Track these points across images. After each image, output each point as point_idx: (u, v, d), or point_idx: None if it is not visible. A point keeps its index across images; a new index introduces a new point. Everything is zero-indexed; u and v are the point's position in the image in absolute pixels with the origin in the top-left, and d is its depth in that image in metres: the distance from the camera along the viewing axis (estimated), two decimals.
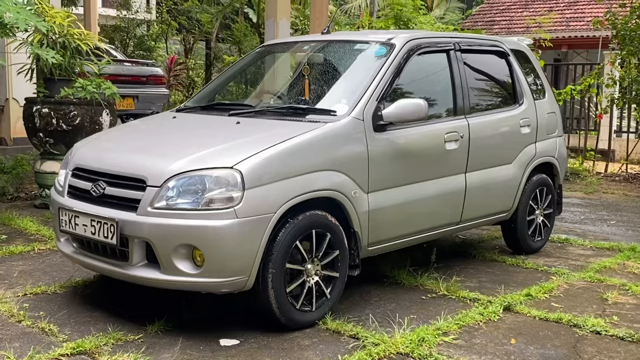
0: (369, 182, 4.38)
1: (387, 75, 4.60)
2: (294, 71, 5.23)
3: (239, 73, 5.56)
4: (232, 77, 5.55)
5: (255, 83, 5.35)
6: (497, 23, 25.19)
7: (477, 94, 5.43)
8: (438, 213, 4.98)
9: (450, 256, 5.89)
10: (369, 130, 4.38)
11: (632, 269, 5.61)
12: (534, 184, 5.91)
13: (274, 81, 5.31)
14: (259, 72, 5.52)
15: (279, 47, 5.66)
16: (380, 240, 4.56)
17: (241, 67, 5.60)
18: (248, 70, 5.58)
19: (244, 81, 5.39)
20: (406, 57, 4.80)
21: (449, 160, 4.98)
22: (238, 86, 5.32)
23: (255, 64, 5.64)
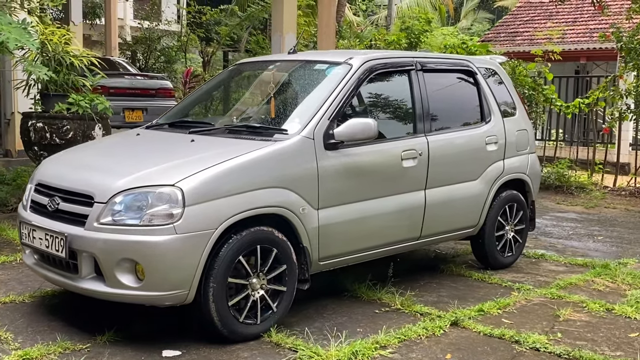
0: (319, 199, 4.51)
1: (342, 95, 4.73)
2: (258, 90, 5.40)
3: (211, 91, 5.75)
4: (205, 95, 5.74)
5: (223, 101, 5.53)
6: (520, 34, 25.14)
7: (439, 113, 5.53)
8: (395, 229, 5.09)
9: (418, 270, 5.99)
10: (320, 149, 4.52)
11: (597, 286, 5.64)
12: (502, 200, 5.98)
13: (240, 100, 5.48)
14: (228, 90, 5.70)
15: (248, 67, 5.84)
16: (332, 255, 4.69)
17: (213, 86, 5.78)
18: (219, 89, 5.77)
19: (213, 99, 5.57)
20: (363, 77, 4.93)
21: (406, 178, 5.09)
22: (210, 104, 5.49)
23: (226, 82, 5.82)
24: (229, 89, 5.68)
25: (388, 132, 5.13)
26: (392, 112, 5.30)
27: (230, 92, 5.58)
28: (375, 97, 5.16)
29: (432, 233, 5.42)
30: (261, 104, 5.17)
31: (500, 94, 6.06)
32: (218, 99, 5.55)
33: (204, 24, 19.35)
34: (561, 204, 10.45)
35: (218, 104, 5.50)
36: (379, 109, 5.19)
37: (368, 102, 5.08)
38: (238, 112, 5.24)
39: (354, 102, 4.91)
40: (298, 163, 4.41)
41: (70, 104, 7.61)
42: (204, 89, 5.76)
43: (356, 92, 4.86)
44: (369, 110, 5.06)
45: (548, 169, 12.31)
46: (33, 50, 7.15)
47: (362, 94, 5.00)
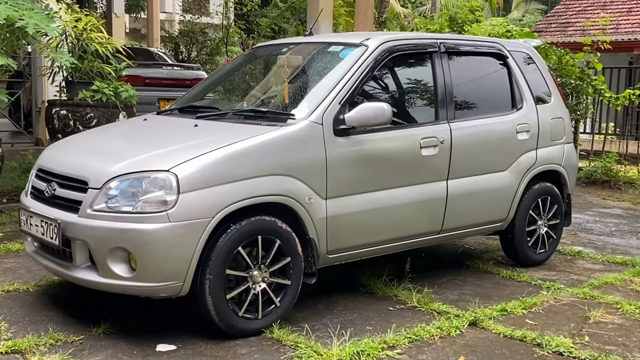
0: (328, 188, 4.24)
1: (355, 77, 4.45)
2: (271, 74, 5.15)
3: (226, 75, 5.52)
4: (219, 80, 5.51)
5: (236, 85, 5.29)
6: (572, 25, 24.33)
7: (465, 99, 5.20)
8: (413, 221, 4.79)
9: (442, 266, 5.67)
10: (329, 135, 4.25)
11: (635, 286, 5.24)
12: (535, 193, 5.61)
13: (252, 84, 5.24)
14: (243, 74, 5.46)
15: (264, 50, 5.59)
16: (342, 247, 4.42)
17: (229, 70, 5.55)
18: (234, 73, 5.53)
19: (227, 84, 5.33)
20: (380, 59, 4.64)
21: (426, 167, 4.78)
22: (223, 88, 5.26)
23: (242, 66, 5.58)
24: (243, 73, 5.43)
25: (406, 118, 4.83)
26: (411, 97, 4.99)
27: (244, 76, 5.34)
28: (393, 81, 4.86)
29: (455, 227, 5.10)
30: (273, 88, 4.92)
31: (534, 79, 5.68)
32: (232, 83, 5.31)
33: (245, 15, 19.22)
34: (607, 200, 9.95)
35: (231, 89, 5.27)
36: (397, 93, 4.88)
37: (385, 86, 4.78)
38: (249, 97, 5.00)
39: (370, 86, 4.61)
40: (304, 150, 4.15)
41: (95, 91, 7.48)
42: (219, 73, 5.54)
43: (371, 74, 4.57)
44: (385, 94, 4.77)
45: (595, 163, 11.79)
46: (55, 37, 7.03)
47: (378, 77, 4.71)
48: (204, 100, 5.12)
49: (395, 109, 4.68)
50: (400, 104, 4.87)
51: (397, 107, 4.75)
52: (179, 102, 5.26)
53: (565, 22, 24.72)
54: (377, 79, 4.70)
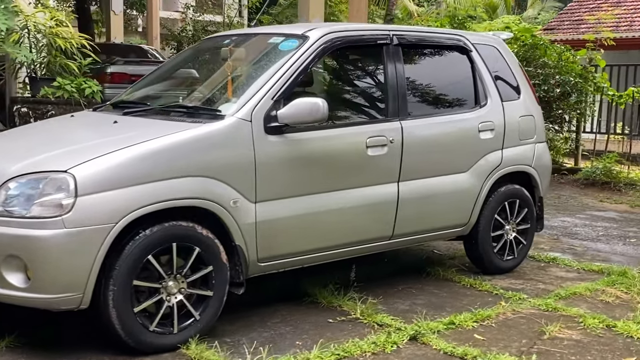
0: (257, 191, 3.91)
1: (292, 71, 4.11)
2: (212, 67, 4.82)
3: (171, 69, 5.19)
4: (164, 73, 5.18)
5: (177, 79, 4.95)
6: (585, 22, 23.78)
7: (420, 95, 4.85)
8: (359, 226, 4.44)
9: (402, 272, 5.32)
10: (259, 133, 3.92)
11: (606, 297, 4.85)
12: (501, 196, 5.24)
13: (192, 78, 4.90)
14: (187, 67, 5.11)
15: (211, 42, 5.26)
16: (276, 255, 4.09)
17: (176, 63, 5.22)
18: (180, 66, 5.19)
19: (170, 77, 5.00)
20: (322, 51, 4.30)
21: (373, 168, 4.43)
22: (165, 82, 4.94)
23: (188, 59, 5.25)
24: (188, 66, 5.09)
25: (351, 115, 4.50)
26: (358, 93, 4.65)
27: (188, 69, 4.99)
28: (338, 75, 4.52)
29: (409, 232, 4.74)
30: (212, 82, 4.59)
31: (501, 74, 5.31)
32: (174, 77, 4.98)
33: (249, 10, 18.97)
34: (604, 202, 9.52)
35: (172, 83, 4.93)
36: (342, 89, 4.55)
37: (328, 81, 4.45)
38: (185, 91, 4.66)
39: (309, 80, 4.27)
40: (229, 149, 3.82)
41: (57, 88, 7.21)
42: (165, 67, 5.22)
43: (310, 68, 4.22)
44: (328, 89, 4.43)
45: (595, 164, 11.36)
46: (16, 32, 6.78)
47: (320, 71, 4.36)
48: (141, 96, 4.79)
49: (338, 106, 4.35)
50: (344, 100, 4.53)
51: (340, 103, 4.42)
52: (118, 98, 4.95)
53: (577, 20, 24.17)
54: (319, 73, 4.36)
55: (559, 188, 10.64)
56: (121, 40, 17.81)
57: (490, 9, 32.89)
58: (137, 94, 4.85)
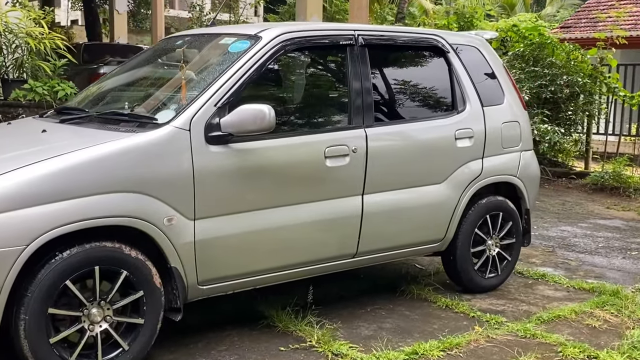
0: (196, 207, 3.56)
1: (238, 75, 3.75)
2: (164, 69, 4.46)
3: (126, 71, 4.82)
4: (119, 77, 4.82)
5: (131, 83, 4.58)
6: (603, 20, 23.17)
7: (389, 100, 4.47)
8: (316, 244, 4.07)
9: (375, 291, 4.93)
10: (199, 143, 3.56)
11: (593, 322, 4.42)
12: (481, 209, 4.84)
13: (143, 81, 4.53)
14: (142, 70, 4.72)
15: (167, 42, 4.88)
16: (219, 277, 3.73)
17: (132, 64, 4.86)
18: (135, 68, 4.80)
19: (124, 81, 4.63)
20: (276, 53, 3.92)
21: (332, 180, 4.05)
22: (116, 86, 4.57)
23: (145, 61, 4.88)
24: (143, 68, 4.71)
25: (309, 122, 4.12)
26: (317, 98, 4.28)
27: (142, 71, 4.62)
28: (293, 80, 4.15)
29: (375, 249, 4.36)
30: (157, 86, 4.23)
31: (483, 77, 4.90)
32: (127, 81, 4.62)
33: None
34: (611, 209, 9.05)
35: (124, 87, 4.57)
36: (297, 94, 4.18)
37: (281, 86, 4.07)
38: (131, 97, 4.30)
39: (261, 85, 3.90)
40: (163, 161, 3.46)
41: (28, 90, 6.90)
42: (122, 69, 4.85)
43: (264, 72, 3.85)
44: (281, 95, 4.07)
45: (606, 167, 10.88)
46: None
47: (274, 75, 4.00)
48: (87, 100, 4.44)
49: (295, 112, 3.98)
50: (302, 106, 4.16)
51: (297, 109, 4.05)
52: (66, 104, 4.61)
53: (595, 18, 23.54)
54: (272, 77, 4.00)
55: (566, 193, 10.19)
56: (125, 40, 17.59)
57: (508, 7, 32.33)
58: (85, 98, 4.51)
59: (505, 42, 12.60)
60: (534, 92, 10.84)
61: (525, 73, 11.04)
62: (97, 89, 4.63)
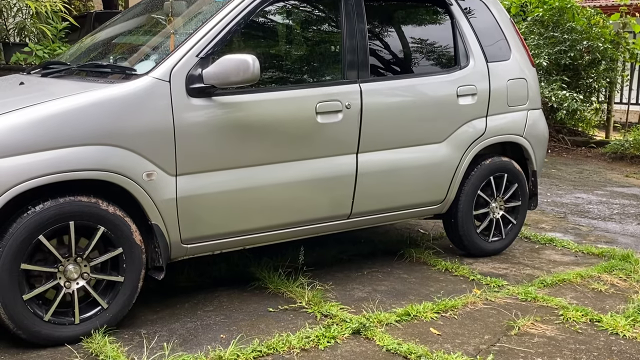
0: (178, 162, 3.42)
1: (223, 24, 3.58)
2: (153, 21, 4.28)
3: (118, 24, 4.63)
4: (110, 30, 4.65)
5: (120, 35, 4.40)
6: None
7: (387, 54, 4.28)
8: (307, 204, 3.92)
9: (374, 254, 4.78)
10: (179, 95, 3.41)
11: (599, 286, 4.24)
12: (484, 170, 4.65)
13: (131, 33, 4.36)
14: (132, 23, 4.54)
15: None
16: (204, 236, 3.60)
17: (126, 17, 4.66)
18: (128, 21, 4.61)
19: (114, 34, 4.46)
20: (262, 2, 3.73)
21: (324, 137, 3.89)
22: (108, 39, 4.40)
23: (137, 13, 4.69)
24: (133, 21, 4.52)
25: (299, 76, 3.94)
26: (308, 50, 4.10)
27: (132, 24, 4.43)
28: (283, 30, 3.97)
29: (370, 210, 4.20)
30: (143, 37, 4.08)
31: (488, 32, 4.68)
32: (118, 34, 4.44)
33: None
34: (630, 177, 8.79)
35: (113, 40, 4.40)
36: (289, 45, 4.00)
37: (270, 36, 3.90)
38: (118, 49, 4.15)
39: (247, 35, 3.74)
40: (142, 113, 3.32)
41: (28, 53, 6.79)
42: (114, 22, 4.66)
43: (248, 21, 3.68)
44: (271, 46, 3.89)
45: (626, 136, 10.58)
46: None
47: (262, 25, 3.83)
48: (76, 54, 4.30)
49: (284, 65, 3.81)
50: (290, 60, 3.98)
51: (286, 62, 3.88)
52: (56, 59, 4.47)
53: None
54: (260, 28, 3.83)
55: (584, 162, 9.93)
56: None
57: None
58: (74, 52, 4.37)
59: (525, 7, 12.25)
60: (552, 58, 10.54)
61: (544, 38, 10.73)
62: (88, 42, 4.49)
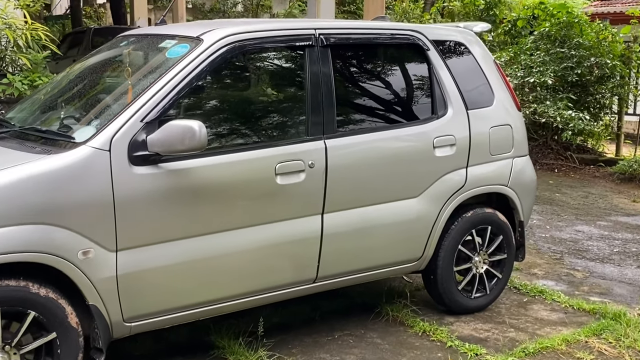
0: (118, 237, 3.17)
1: (171, 85, 3.33)
2: (108, 75, 4.03)
3: (74, 75, 4.35)
4: (65, 81, 4.36)
5: (75, 90, 4.14)
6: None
7: (355, 107, 4.02)
8: (267, 271, 3.66)
9: (352, 311, 4.50)
10: (121, 165, 3.16)
11: (585, 354, 3.94)
12: (466, 223, 4.36)
13: (90, 87, 4.09)
14: (88, 73, 4.27)
15: (120, 41, 4.41)
16: (149, 313, 3.35)
17: (79, 67, 4.42)
18: (82, 72, 4.32)
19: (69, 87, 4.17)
20: (220, 59, 3.49)
21: (285, 199, 3.62)
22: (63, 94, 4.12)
23: (95, 63, 4.44)
24: (88, 71, 4.24)
25: (257, 136, 3.68)
26: (268, 108, 3.83)
27: (85, 76, 4.16)
28: (240, 88, 3.71)
29: (338, 273, 3.93)
30: (90, 97, 3.82)
31: (468, 75, 4.39)
32: (72, 87, 4.18)
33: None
34: (637, 202, 8.49)
35: (67, 94, 4.14)
36: (246, 103, 3.73)
37: (225, 96, 3.64)
38: (69, 107, 3.87)
39: (201, 96, 3.49)
40: (76, 187, 3.07)
41: (7, 85, 6.59)
42: (71, 70, 4.40)
43: (200, 80, 3.43)
44: (225, 107, 3.64)
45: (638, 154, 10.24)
46: None
47: (216, 84, 3.58)
48: (25, 110, 4.05)
49: (240, 125, 3.56)
50: (248, 119, 3.71)
51: (241, 122, 3.63)
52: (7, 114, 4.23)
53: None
54: (214, 87, 3.57)
55: (591, 184, 9.58)
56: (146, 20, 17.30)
57: None
58: (29, 105, 4.13)
59: (532, 21, 11.92)
60: (559, 75, 10.20)
61: (550, 55, 10.39)
62: (43, 93, 4.24)
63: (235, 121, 3.63)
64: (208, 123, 3.36)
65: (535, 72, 10.17)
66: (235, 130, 3.60)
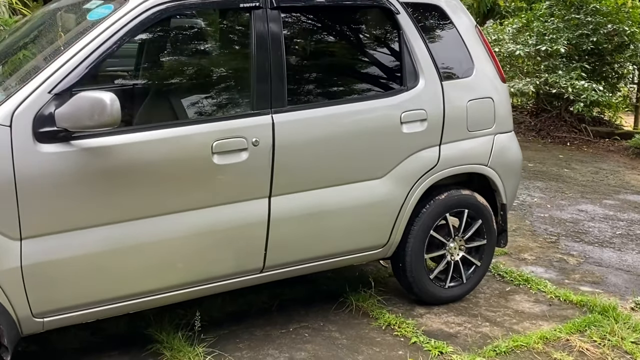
0: (22, 224, 2.81)
1: (86, 52, 2.94)
2: (40, 39, 3.64)
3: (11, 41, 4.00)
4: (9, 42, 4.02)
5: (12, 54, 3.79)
6: None
7: (309, 77, 3.59)
8: (203, 260, 3.28)
9: (316, 300, 4.14)
10: (24, 142, 2.79)
11: (564, 355, 3.53)
12: (439, 206, 3.95)
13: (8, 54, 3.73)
14: (25, 38, 3.91)
15: (52, 6, 4.03)
16: (65, 307, 3.00)
17: (19, 33, 4.06)
18: (22, 37, 3.98)
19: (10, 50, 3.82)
20: (144, 21, 3.07)
21: (224, 181, 3.23)
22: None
23: (34, 27, 4.06)
24: (27, 37, 3.89)
25: (190, 110, 3.28)
26: (203, 79, 3.42)
27: (23, 39, 3.80)
28: (170, 56, 3.30)
29: (289, 261, 3.55)
30: (16, 61, 3.45)
31: (445, 45, 3.94)
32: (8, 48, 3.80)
33: None
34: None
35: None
36: (179, 72, 3.33)
37: (152, 65, 3.24)
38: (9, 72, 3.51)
39: (122, 65, 3.08)
40: None
41: None
42: (7, 37, 4.04)
43: (122, 46, 3.02)
44: (151, 77, 3.23)
45: None
46: None
47: (142, 51, 3.17)
48: None
49: (171, 97, 3.15)
50: (180, 91, 3.31)
51: (172, 95, 3.22)
52: None
53: None
54: (140, 54, 3.17)
55: (604, 158, 9.07)
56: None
57: None
58: None
59: None
60: (573, 43, 9.62)
61: (565, 21, 9.80)
62: None
63: (165, 93, 3.23)
64: (131, 95, 2.97)
65: (547, 40, 9.60)
66: (163, 104, 3.21)
